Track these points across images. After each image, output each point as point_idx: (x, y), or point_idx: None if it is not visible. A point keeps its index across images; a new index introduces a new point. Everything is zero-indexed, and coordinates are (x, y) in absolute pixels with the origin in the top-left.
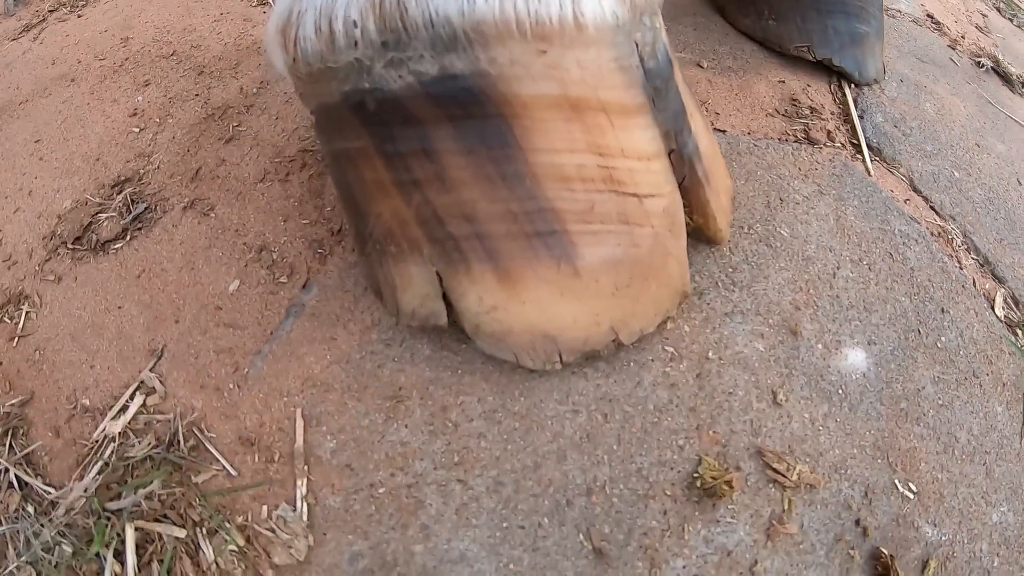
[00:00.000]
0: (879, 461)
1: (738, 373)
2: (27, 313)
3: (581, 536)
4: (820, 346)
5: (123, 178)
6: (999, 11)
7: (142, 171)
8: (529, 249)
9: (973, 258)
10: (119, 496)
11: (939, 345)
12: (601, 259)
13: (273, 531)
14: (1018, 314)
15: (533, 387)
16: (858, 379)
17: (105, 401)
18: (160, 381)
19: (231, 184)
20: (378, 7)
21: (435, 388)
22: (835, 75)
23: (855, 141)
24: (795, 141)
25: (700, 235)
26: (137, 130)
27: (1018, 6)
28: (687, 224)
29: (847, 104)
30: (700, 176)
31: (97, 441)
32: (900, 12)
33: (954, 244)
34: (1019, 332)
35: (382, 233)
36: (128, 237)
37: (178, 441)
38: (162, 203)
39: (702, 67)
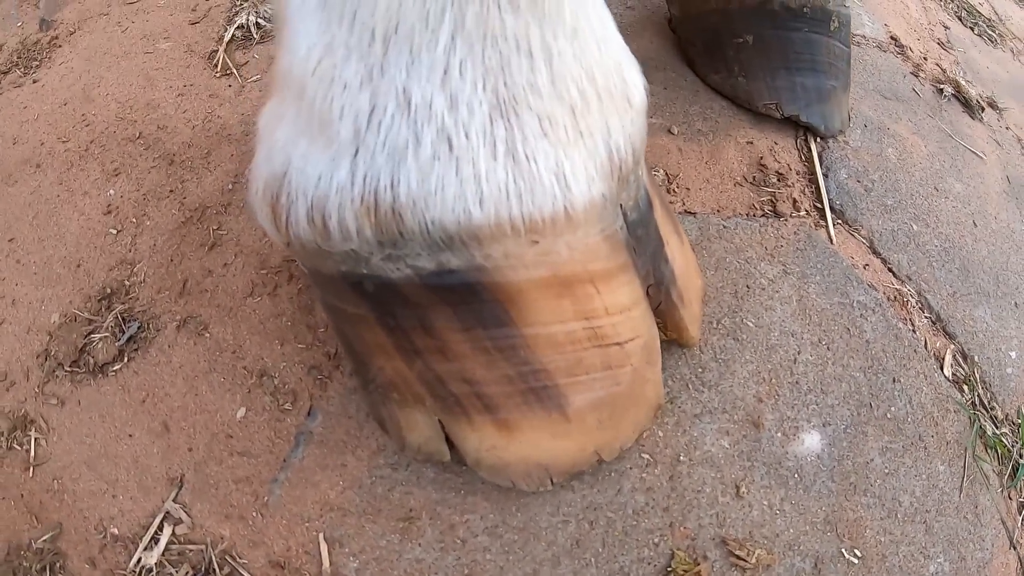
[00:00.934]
0: (828, 534)
1: (706, 471)
2: (36, 440)
3: None
4: (779, 434)
5: (109, 290)
6: (960, 20)
7: (127, 282)
8: (524, 404)
9: (926, 317)
10: None
11: (889, 416)
12: (588, 402)
13: None
14: (965, 369)
15: (528, 503)
16: (812, 461)
17: (134, 530)
18: (185, 512)
19: (220, 299)
20: (372, 215)
21: (442, 508)
22: (802, 129)
23: (819, 205)
24: (762, 215)
25: (674, 342)
26: (114, 232)
27: (979, 13)
28: (661, 337)
29: (812, 162)
30: (675, 299)
31: (135, 572)
32: (864, 38)
33: (908, 306)
34: (965, 388)
35: (385, 382)
36: (125, 359)
37: (213, 570)
38: (154, 320)
39: (672, 133)
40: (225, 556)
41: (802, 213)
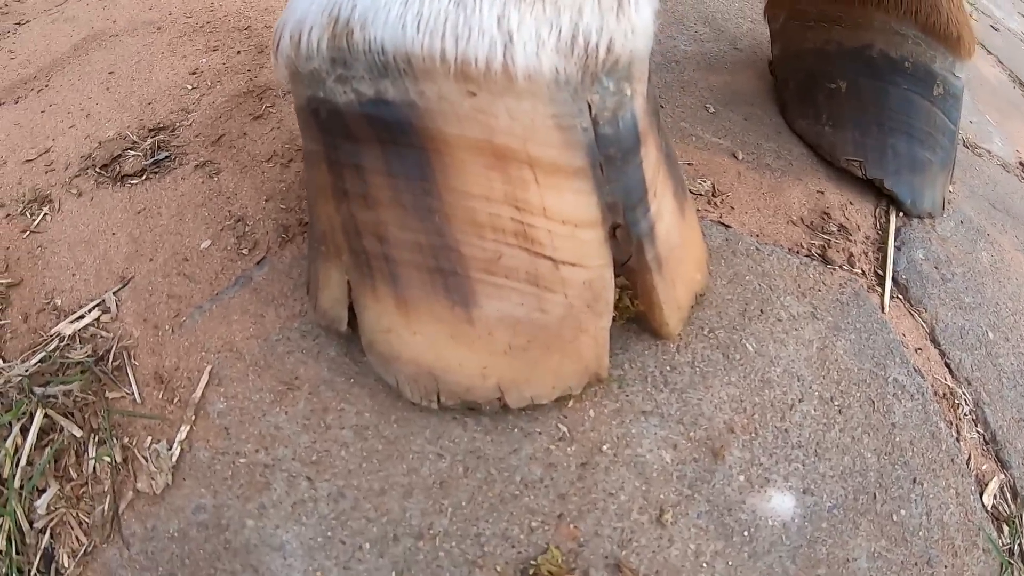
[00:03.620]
0: None
1: (628, 476)
2: (45, 215)
3: (392, 575)
4: (742, 478)
5: (162, 126)
6: None
7: (178, 124)
8: (429, 283)
9: (979, 432)
10: (45, 385)
11: (895, 518)
12: (499, 313)
13: (146, 460)
14: (1011, 508)
15: (411, 419)
16: (774, 526)
17: (71, 307)
18: (116, 305)
19: (241, 156)
20: (332, 27)
21: (325, 388)
22: (885, 200)
23: (880, 271)
24: (806, 255)
25: (645, 324)
26: (190, 87)
27: None
28: (628, 308)
29: (887, 232)
30: (649, 260)
31: (51, 336)
32: (990, 153)
33: (959, 411)
34: (1005, 528)
35: (320, 232)
36: (144, 177)
37: (108, 358)
38: (181, 156)
39: (736, 158)
40: (123, 352)
41: (856, 271)
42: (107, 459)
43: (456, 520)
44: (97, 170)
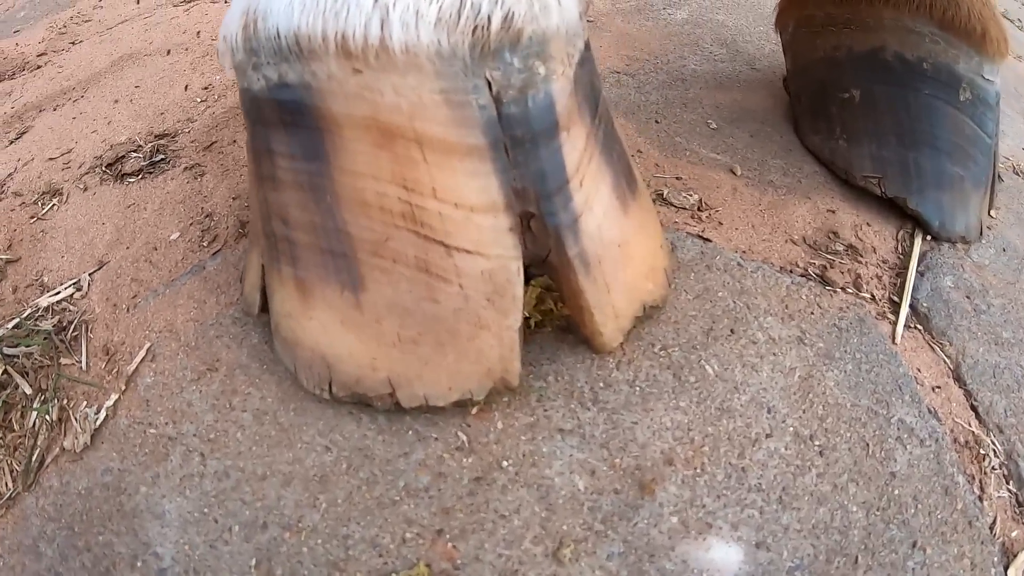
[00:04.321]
0: None
1: (529, 500)
2: (54, 205)
3: (253, 562)
4: (675, 519)
5: (167, 133)
6: None
7: (180, 131)
8: (323, 266)
9: (1009, 490)
10: (16, 346)
11: None
12: (387, 300)
13: (76, 421)
14: None
15: (308, 408)
16: None
17: (54, 284)
18: (88, 284)
19: (226, 161)
20: (244, 19)
21: (239, 372)
22: (911, 222)
23: (896, 298)
24: (801, 275)
25: (578, 333)
26: (199, 100)
27: None
28: (552, 312)
29: (910, 256)
30: (572, 256)
31: (27, 307)
32: None
33: (985, 464)
34: None
35: (250, 219)
36: (140, 176)
37: (69, 330)
38: (175, 159)
39: (734, 173)
40: (83, 325)
41: (864, 294)
42: (46, 416)
43: (328, 517)
44: (103, 168)
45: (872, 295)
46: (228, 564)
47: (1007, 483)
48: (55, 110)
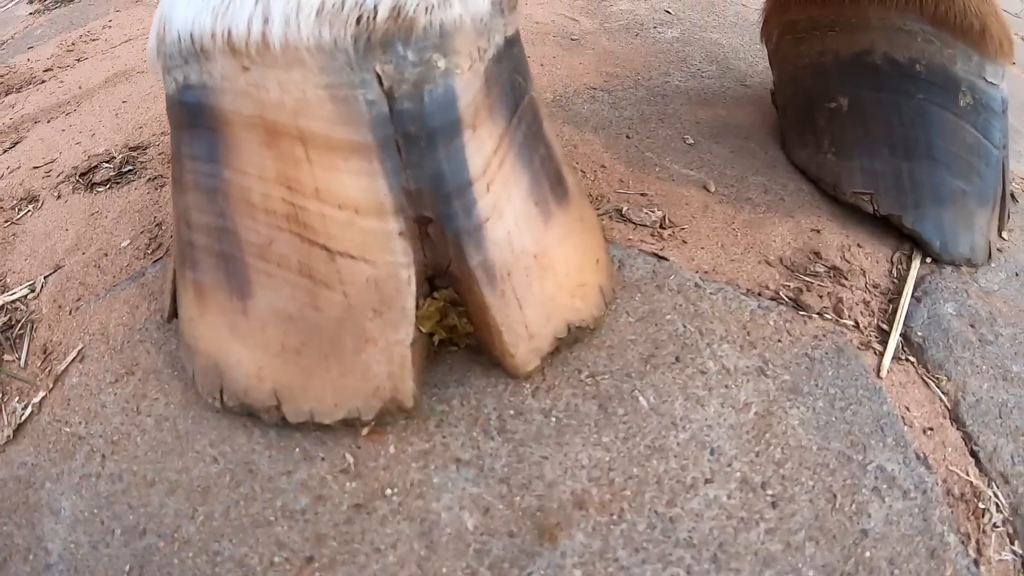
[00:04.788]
0: None
1: (408, 534)
2: (29, 211)
3: (127, 568)
4: (578, 573)
5: (140, 145)
6: None
7: (152, 144)
8: (216, 269)
9: (1014, 552)
10: None
11: None
12: (271, 307)
13: (4, 415)
14: None
15: (205, 418)
16: None
17: (14, 285)
18: (41, 287)
19: None
20: (157, 26)
21: (153, 377)
22: (908, 244)
23: (885, 325)
24: (771, 298)
25: (486, 351)
26: None
27: None
28: (456, 328)
29: (904, 280)
30: (474, 266)
31: None
32: None
33: (984, 520)
34: None
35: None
36: (108, 186)
37: (15, 328)
38: (142, 170)
39: (708, 190)
40: (29, 324)
41: (845, 320)
42: None
43: (203, 531)
44: (76, 178)
45: (856, 322)
46: (105, 567)
47: (1011, 543)
48: (48, 122)
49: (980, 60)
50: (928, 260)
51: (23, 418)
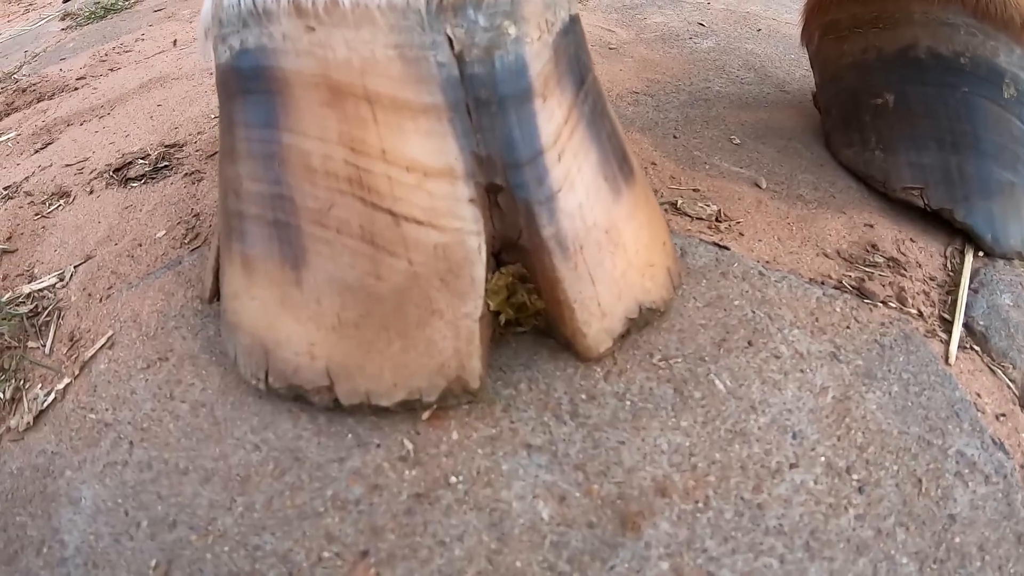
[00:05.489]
0: None
1: (476, 526)
2: (60, 205)
3: (153, 563)
4: (665, 565)
5: (177, 143)
6: None
7: (188, 143)
8: (268, 239)
9: None
10: None
11: None
12: (328, 276)
13: (25, 402)
14: None
15: (244, 403)
16: None
17: (42, 274)
18: (70, 276)
19: None
20: None
21: (188, 362)
22: (960, 239)
23: (947, 315)
24: (834, 287)
25: (556, 334)
26: (213, 116)
27: None
28: (526, 306)
29: (961, 273)
30: (547, 238)
31: (12, 293)
32: None
33: None
34: None
35: (218, 203)
36: (143, 181)
37: (42, 316)
38: (178, 166)
39: (759, 187)
40: (56, 312)
41: (910, 309)
42: (0, 394)
43: (241, 523)
44: (111, 175)
45: (919, 311)
46: (128, 561)
47: None
48: (81, 125)
49: (1022, 53)
50: (980, 254)
51: (45, 405)
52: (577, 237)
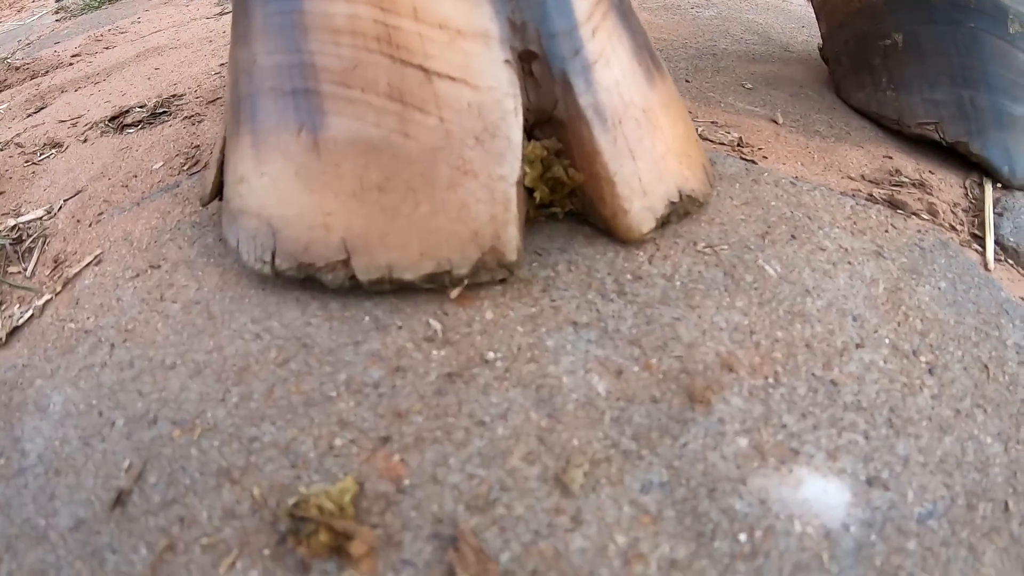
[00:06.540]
0: None
1: (521, 403)
2: (51, 155)
3: (126, 463)
4: (744, 441)
5: (175, 94)
6: None
7: (189, 92)
8: (284, 109)
9: None
10: None
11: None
12: (350, 137)
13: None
14: None
15: (247, 295)
16: (806, 536)
17: (31, 209)
18: (59, 209)
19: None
20: None
21: (183, 268)
22: (976, 172)
23: (978, 232)
24: (866, 199)
25: (594, 213)
26: (214, 73)
27: None
28: (563, 183)
29: (983, 199)
30: (585, 107)
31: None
32: None
33: None
34: None
35: (224, 103)
36: (140, 127)
37: (25, 243)
38: (177, 112)
39: (776, 122)
40: (40, 239)
41: (941, 222)
42: None
43: (236, 414)
44: (107, 123)
45: (950, 224)
46: (96, 464)
47: None
48: (76, 91)
49: None
50: (998, 186)
51: (19, 322)
52: (616, 111)
